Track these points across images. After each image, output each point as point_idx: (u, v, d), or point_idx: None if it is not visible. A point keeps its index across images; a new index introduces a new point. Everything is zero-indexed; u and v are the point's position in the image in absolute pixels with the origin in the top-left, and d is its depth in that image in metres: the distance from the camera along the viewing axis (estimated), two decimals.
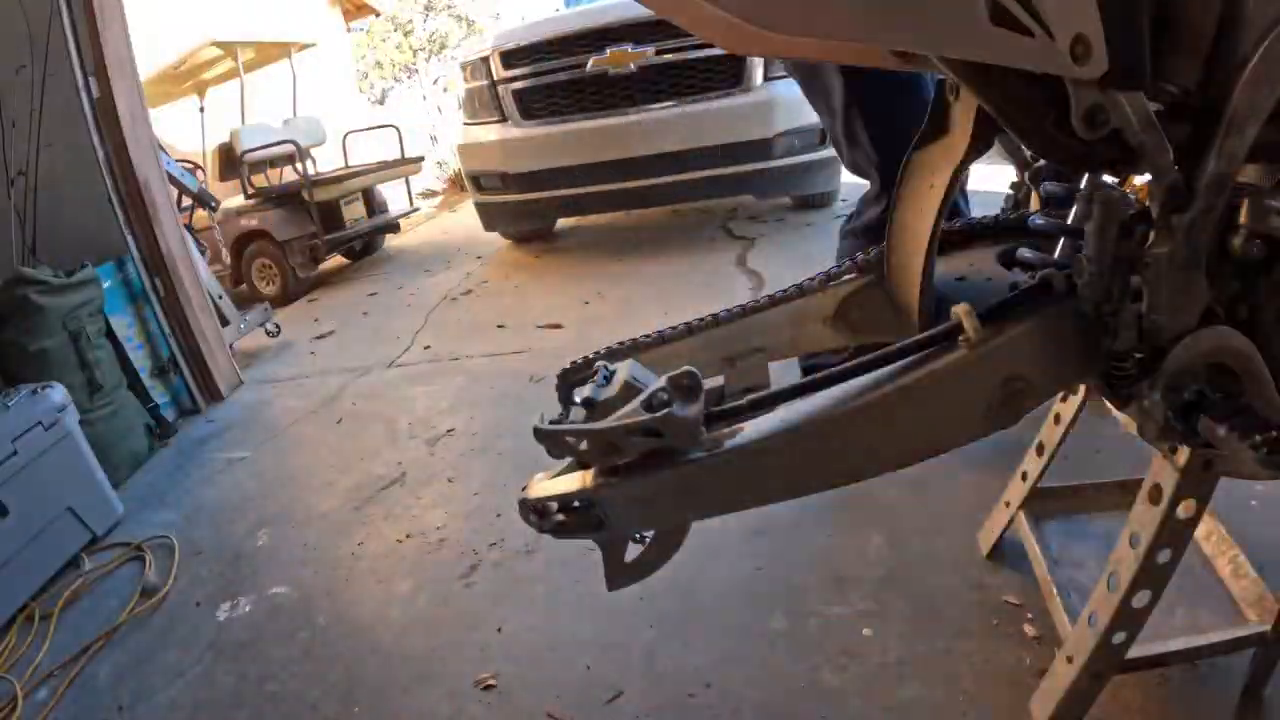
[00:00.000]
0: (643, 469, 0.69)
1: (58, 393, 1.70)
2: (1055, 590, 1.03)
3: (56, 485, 1.64)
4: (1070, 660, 0.87)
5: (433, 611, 1.33)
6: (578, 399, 0.73)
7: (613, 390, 0.69)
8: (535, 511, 0.76)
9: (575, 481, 0.73)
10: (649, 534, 0.87)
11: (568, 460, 0.77)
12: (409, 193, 5.36)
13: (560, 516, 0.75)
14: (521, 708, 1.10)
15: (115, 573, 1.60)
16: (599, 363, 0.75)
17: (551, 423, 0.71)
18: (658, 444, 0.68)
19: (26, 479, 1.56)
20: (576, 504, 0.73)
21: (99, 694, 1.27)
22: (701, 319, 0.90)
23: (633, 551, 0.85)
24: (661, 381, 0.67)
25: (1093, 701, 0.89)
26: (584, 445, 0.70)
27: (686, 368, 0.67)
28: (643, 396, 0.67)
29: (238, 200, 4.55)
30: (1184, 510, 0.77)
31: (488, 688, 1.14)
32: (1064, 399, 1.12)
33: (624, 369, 0.70)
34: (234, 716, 1.17)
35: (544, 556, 1.42)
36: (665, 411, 0.65)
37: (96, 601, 1.52)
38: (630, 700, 1.08)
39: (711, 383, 0.79)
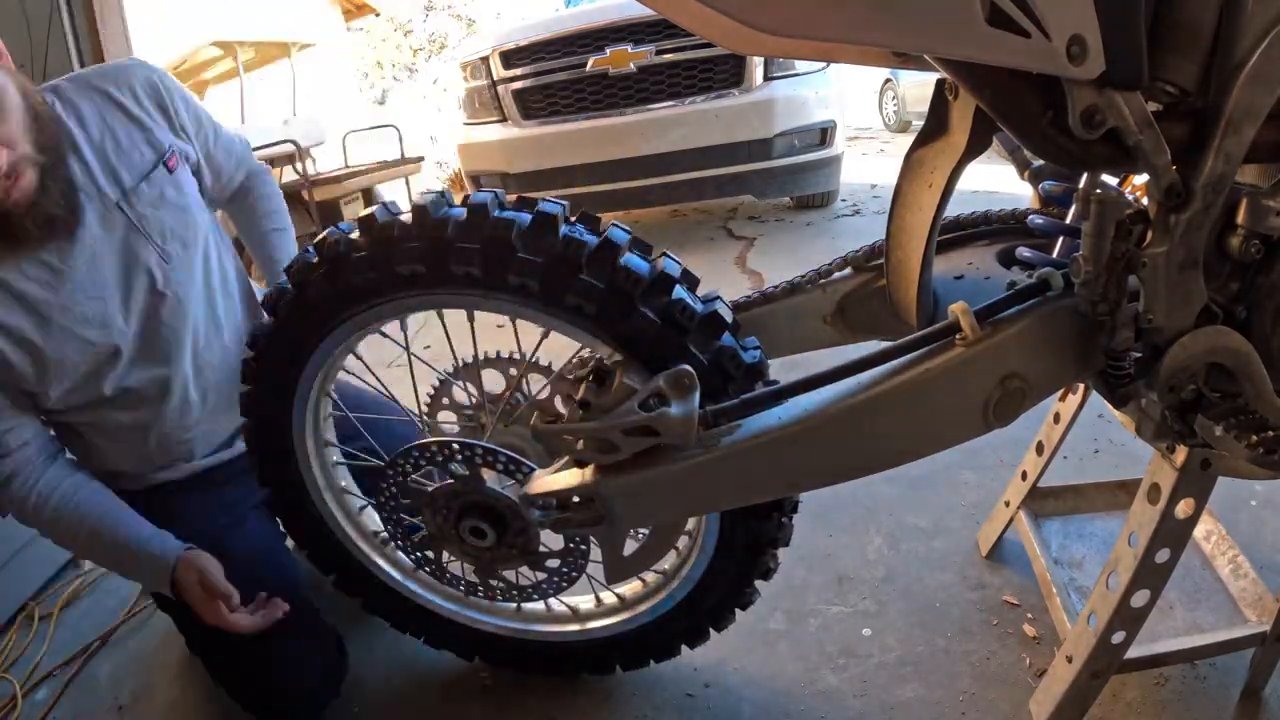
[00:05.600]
0: (640, 465, 0.70)
1: None
2: (1055, 590, 1.03)
3: None
4: (1070, 660, 0.87)
5: None
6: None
7: (608, 390, 0.69)
8: (537, 506, 0.76)
9: (575, 477, 0.73)
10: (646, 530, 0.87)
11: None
12: (409, 193, 5.37)
13: (562, 512, 0.75)
14: (521, 708, 1.10)
15: None
16: (594, 360, 0.75)
17: (548, 422, 0.71)
18: (653, 442, 0.68)
19: None
20: (576, 499, 0.74)
21: (99, 694, 1.27)
22: None
23: (630, 547, 0.86)
24: (658, 380, 0.67)
25: (1092, 701, 0.89)
26: (580, 444, 0.70)
27: (683, 366, 0.67)
28: (639, 396, 0.67)
29: None
30: (1182, 510, 0.77)
31: (486, 688, 1.14)
32: (1063, 398, 1.12)
33: (619, 369, 0.71)
34: (233, 716, 1.18)
35: None
36: (660, 411, 0.65)
37: (96, 601, 1.52)
38: (630, 701, 1.08)
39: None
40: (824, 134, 3.57)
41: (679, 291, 0.76)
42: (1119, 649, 0.85)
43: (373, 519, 1.07)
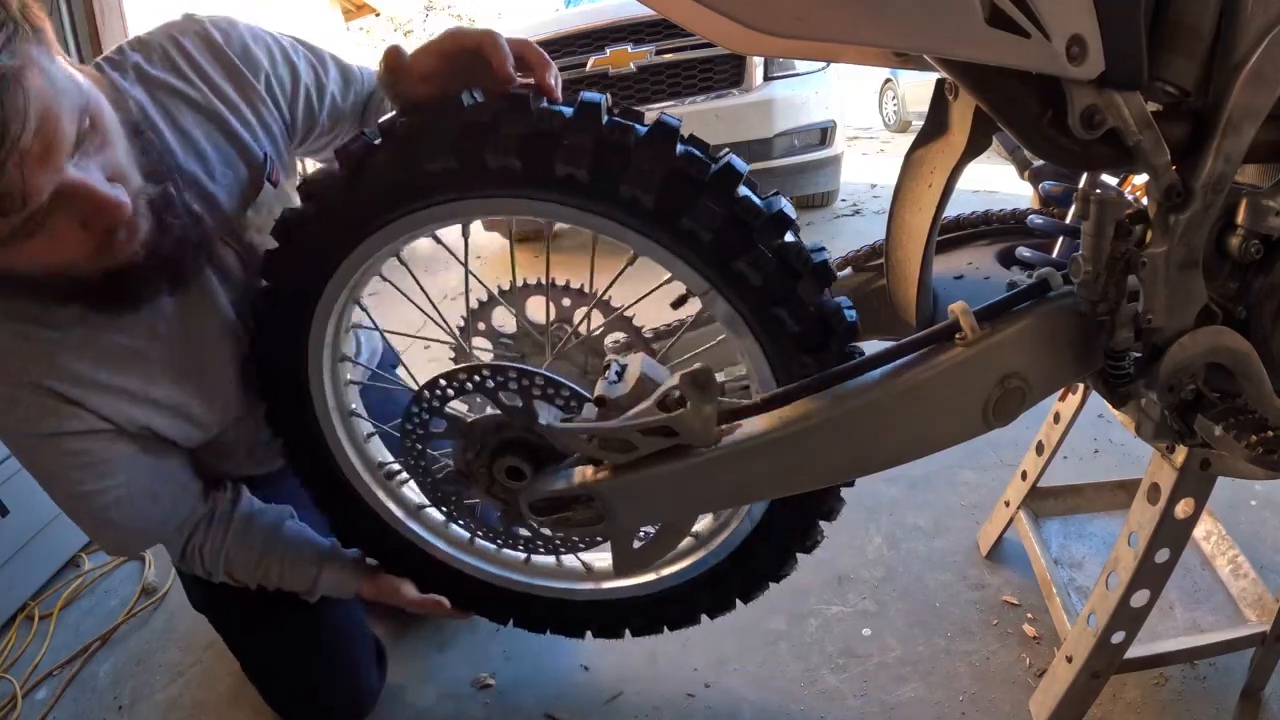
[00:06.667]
0: (639, 465, 0.69)
1: None
2: (1055, 590, 1.03)
3: None
4: (1070, 660, 0.87)
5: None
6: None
7: (625, 387, 0.68)
8: (537, 506, 0.76)
9: (576, 476, 0.73)
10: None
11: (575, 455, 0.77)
12: None
13: (562, 512, 0.75)
14: (521, 708, 1.10)
15: (115, 572, 1.60)
16: (610, 358, 0.74)
17: (563, 420, 0.71)
18: (671, 443, 0.67)
19: (26, 479, 1.55)
20: (576, 498, 0.73)
21: (99, 693, 1.27)
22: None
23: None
24: (675, 380, 0.65)
25: (1092, 701, 0.89)
26: (595, 443, 0.69)
27: (700, 365, 0.66)
28: (656, 395, 0.65)
29: None
30: (1182, 510, 0.77)
31: (486, 687, 1.14)
32: (1063, 398, 1.12)
33: (636, 364, 0.69)
34: (233, 717, 1.18)
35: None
36: (680, 411, 0.65)
37: (96, 601, 1.52)
38: (630, 701, 1.08)
39: None
40: (824, 134, 3.57)
41: (792, 235, 0.72)
42: (1119, 649, 0.85)
43: (379, 450, 1.00)
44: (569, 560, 1.03)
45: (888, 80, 7.67)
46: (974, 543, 1.28)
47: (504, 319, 0.94)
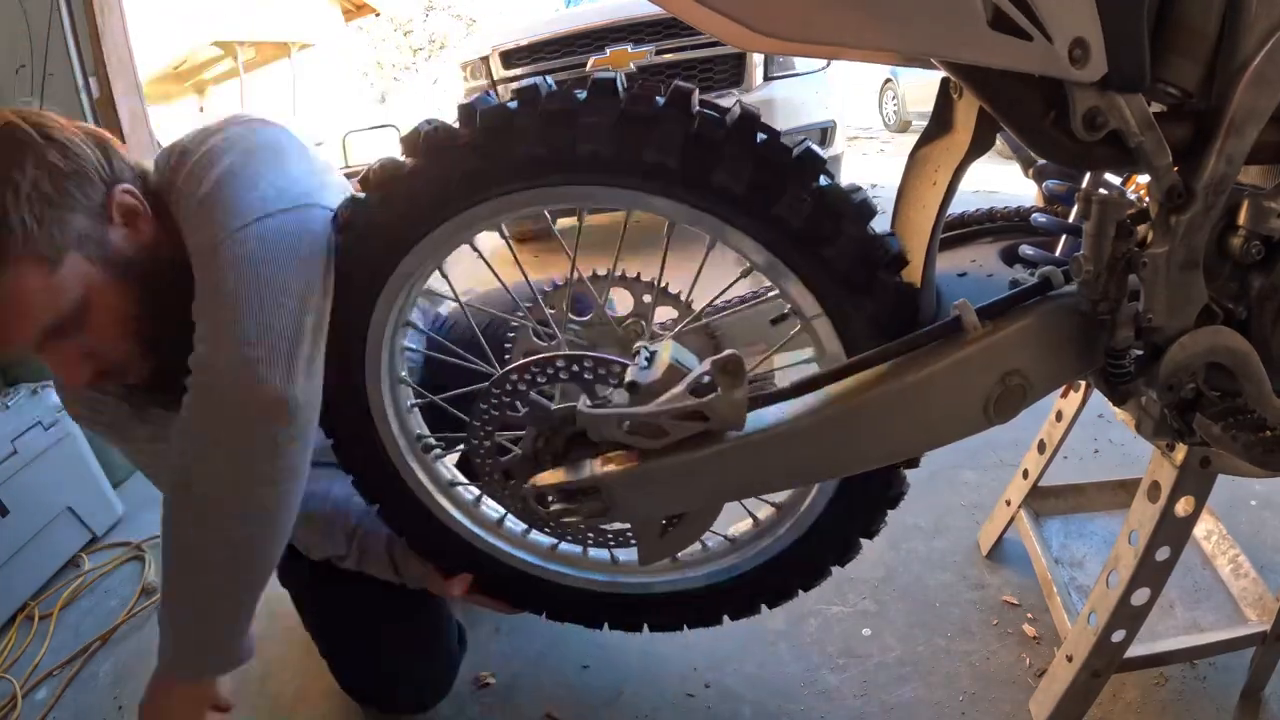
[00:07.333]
0: (642, 456, 0.69)
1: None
2: (1055, 589, 1.04)
3: (56, 485, 1.63)
4: (1070, 659, 0.88)
5: None
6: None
7: (656, 373, 0.68)
8: (540, 498, 0.76)
9: (582, 468, 0.73)
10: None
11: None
12: None
13: (566, 504, 0.75)
14: (521, 708, 1.10)
15: (115, 572, 1.60)
16: (639, 344, 0.74)
17: (594, 405, 0.71)
18: (702, 428, 0.67)
19: (26, 478, 1.56)
20: (581, 490, 0.73)
21: (99, 693, 1.27)
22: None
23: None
24: (705, 365, 0.66)
25: (1092, 701, 0.89)
26: (627, 428, 0.69)
27: (730, 351, 0.66)
28: (688, 380, 0.66)
29: None
30: (1182, 508, 0.77)
31: (486, 686, 1.14)
32: (1065, 395, 1.12)
33: (666, 350, 0.69)
34: (233, 715, 1.17)
35: None
36: (712, 396, 0.65)
37: (96, 601, 1.52)
38: (630, 700, 1.08)
39: None
40: (824, 134, 3.57)
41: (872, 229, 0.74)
42: (1119, 648, 0.85)
43: (419, 421, 0.96)
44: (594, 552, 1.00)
45: (888, 80, 7.68)
46: (974, 542, 1.28)
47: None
